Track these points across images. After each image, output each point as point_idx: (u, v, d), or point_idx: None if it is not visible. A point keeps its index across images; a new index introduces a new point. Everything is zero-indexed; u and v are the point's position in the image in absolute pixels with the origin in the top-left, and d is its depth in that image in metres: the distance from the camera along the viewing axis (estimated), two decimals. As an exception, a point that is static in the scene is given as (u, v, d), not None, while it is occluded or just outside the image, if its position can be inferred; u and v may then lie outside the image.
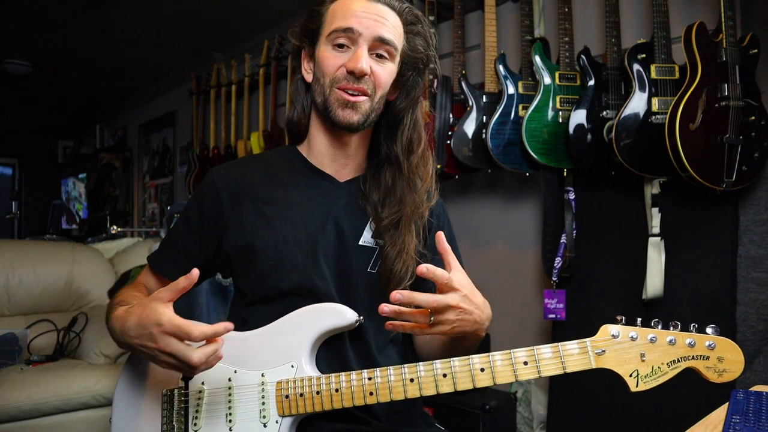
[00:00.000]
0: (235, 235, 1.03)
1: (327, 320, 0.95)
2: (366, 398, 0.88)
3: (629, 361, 0.82)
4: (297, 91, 1.09)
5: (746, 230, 1.77)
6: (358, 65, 0.95)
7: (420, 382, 0.87)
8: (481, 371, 0.86)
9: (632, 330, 0.84)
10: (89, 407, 2.09)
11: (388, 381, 0.88)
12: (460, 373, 0.86)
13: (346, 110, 0.98)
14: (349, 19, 0.96)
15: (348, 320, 0.94)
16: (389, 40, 0.98)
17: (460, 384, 0.86)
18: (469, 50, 2.47)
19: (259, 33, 3.73)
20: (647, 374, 0.81)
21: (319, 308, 0.96)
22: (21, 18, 3.62)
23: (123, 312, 0.91)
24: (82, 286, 2.65)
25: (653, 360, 0.82)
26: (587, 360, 0.83)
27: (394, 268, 1.00)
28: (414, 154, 1.05)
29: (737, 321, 1.76)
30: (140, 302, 0.88)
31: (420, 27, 1.04)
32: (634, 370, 0.82)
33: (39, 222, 6.90)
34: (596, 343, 0.84)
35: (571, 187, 2.04)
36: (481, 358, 0.87)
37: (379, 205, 1.04)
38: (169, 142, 5.01)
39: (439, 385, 0.87)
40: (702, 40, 1.65)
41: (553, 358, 0.85)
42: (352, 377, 0.89)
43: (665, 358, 0.82)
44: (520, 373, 0.85)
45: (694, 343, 0.81)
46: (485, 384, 0.86)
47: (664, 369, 0.81)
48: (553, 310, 2.06)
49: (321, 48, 1.00)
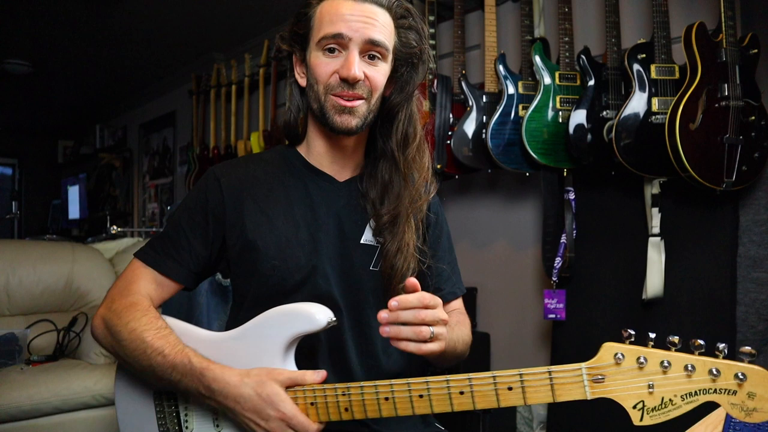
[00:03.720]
0: (236, 234, 1.02)
1: (296, 325, 0.90)
2: (341, 414, 0.85)
3: (633, 392, 0.69)
4: (291, 94, 1.08)
5: (746, 230, 1.77)
6: (351, 72, 0.94)
7: (395, 400, 0.82)
8: (461, 394, 0.78)
9: (641, 352, 0.69)
10: (89, 407, 2.09)
11: (361, 398, 0.84)
12: (436, 395, 0.79)
13: (344, 116, 0.97)
14: (338, 24, 0.94)
15: (318, 324, 0.88)
16: (380, 41, 0.96)
17: (437, 406, 0.79)
18: (469, 50, 2.47)
19: (259, 33, 3.73)
20: (655, 407, 0.68)
21: (289, 311, 0.92)
22: (21, 18, 3.62)
23: (221, 369, 0.89)
24: (82, 286, 2.65)
25: (664, 391, 0.68)
26: (581, 390, 0.72)
27: (395, 265, 1.00)
28: (409, 147, 1.04)
29: (737, 321, 1.76)
30: (253, 374, 0.87)
31: (411, 20, 1.02)
32: (639, 402, 0.69)
33: (39, 222, 6.91)
34: (593, 368, 0.71)
35: (571, 187, 2.04)
36: (458, 380, 0.78)
37: (377, 201, 1.04)
38: (169, 142, 5.01)
39: (415, 406, 0.80)
40: (702, 40, 1.65)
41: (540, 384, 0.74)
42: (326, 392, 0.86)
43: (679, 390, 0.67)
44: (503, 399, 0.75)
45: (719, 373, 0.65)
46: (464, 408, 0.78)
47: (677, 402, 0.67)
48: (553, 310, 2.06)
49: (312, 54, 0.99)
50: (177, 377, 0.91)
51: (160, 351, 0.91)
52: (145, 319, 0.96)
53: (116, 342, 0.97)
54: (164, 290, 1.04)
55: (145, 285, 1.02)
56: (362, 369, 1.03)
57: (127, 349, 0.95)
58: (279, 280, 1.00)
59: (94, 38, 3.98)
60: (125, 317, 0.96)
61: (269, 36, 3.58)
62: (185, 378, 0.90)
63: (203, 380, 0.89)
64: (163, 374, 0.92)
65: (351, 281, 1.03)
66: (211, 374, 0.88)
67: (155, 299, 1.04)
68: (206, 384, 0.88)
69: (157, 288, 1.03)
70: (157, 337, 0.93)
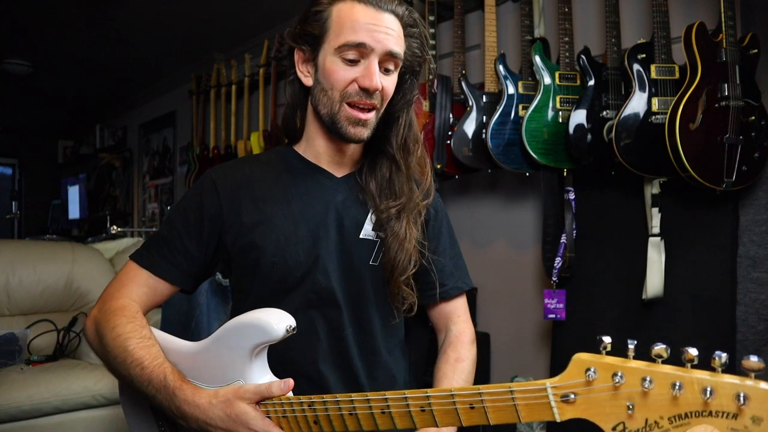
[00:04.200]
0: (235, 234, 1.02)
1: (253, 337, 0.87)
2: (311, 427, 0.84)
3: (611, 412, 0.58)
4: (293, 93, 1.07)
5: (746, 230, 1.77)
6: (373, 83, 0.94)
7: (358, 416, 0.79)
8: (421, 411, 0.72)
9: (618, 367, 0.57)
10: (89, 407, 2.09)
11: (327, 413, 0.81)
12: (397, 412, 0.75)
13: (357, 128, 0.98)
14: (360, 33, 0.94)
15: (275, 335, 0.85)
16: (398, 53, 0.97)
17: (399, 423, 0.75)
18: (469, 50, 2.47)
19: (259, 33, 3.73)
20: (638, 430, 0.57)
21: (245, 323, 0.89)
22: (21, 18, 3.62)
23: (192, 391, 0.87)
24: (82, 286, 2.65)
25: (647, 412, 0.56)
26: (548, 411, 0.62)
27: (397, 259, 1.01)
28: (412, 155, 1.06)
29: (737, 321, 1.76)
30: (221, 395, 0.86)
31: (416, 29, 1.02)
32: (619, 423, 0.58)
33: (39, 222, 6.90)
34: (560, 388, 0.61)
35: (571, 187, 2.04)
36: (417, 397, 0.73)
37: (377, 196, 1.04)
38: (169, 142, 5.01)
39: (378, 422, 0.77)
40: (702, 40, 1.65)
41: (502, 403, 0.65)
42: (293, 406, 0.84)
43: (665, 412, 0.55)
44: (466, 418, 0.69)
45: (713, 392, 0.52)
46: (427, 425, 0.73)
47: (664, 425, 0.55)
48: (553, 310, 2.06)
49: (328, 58, 0.97)
50: (152, 392, 0.89)
51: (140, 362, 0.90)
52: (131, 326, 0.95)
53: (101, 346, 0.97)
54: (157, 293, 1.04)
55: (137, 288, 1.02)
56: (363, 364, 1.04)
57: (110, 354, 0.94)
58: (279, 278, 1.00)
59: (94, 38, 3.98)
60: (113, 321, 0.96)
61: (269, 36, 3.58)
62: (159, 394, 0.89)
63: (174, 401, 0.87)
64: (140, 386, 0.91)
65: (351, 276, 1.03)
66: (183, 395, 0.87)
67: (148, 302, 1.03)
68: (177, 405, 0.87)
69: (149, 291, 1.03)
70: (139, 347, 0.92)
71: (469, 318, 1.18)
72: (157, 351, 0.93)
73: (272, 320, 0.86)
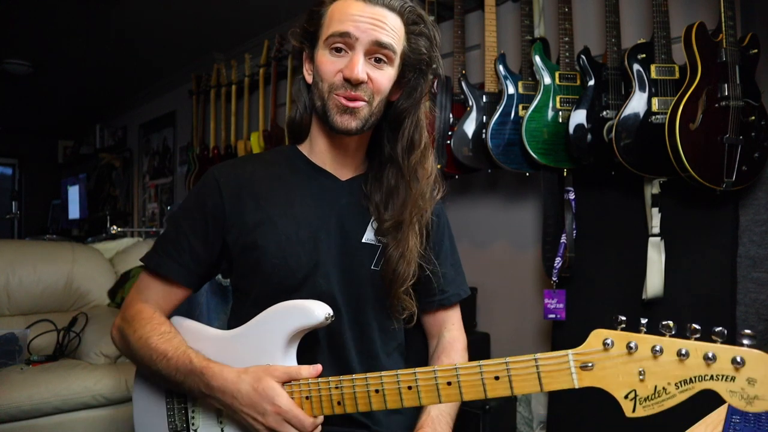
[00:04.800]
0: (237, 234, 1.02)
1: (295, 320, 0.92)
2: (334, 407, 0.87)
3: (624, 380, 0.66)
4: (299, 92, 1.08)
5: (746, 230, 1.77)
6: (354, 73, 0.93)
7: (384, 393, 0.82)
8: (448, 385, 0.77)
9: (631, 338, 0.66)
10: (89, 407, 2.09)
11: (353, 391, 0.85)
12: (424, 387, 0.79)
13: (345, 116, 0.97)
14: (346, 24, 0.94)
15: (316, 319, 0.90)
16: (387, 44, 0.96)
17: (425, 398, 0.79)
18: (469, 50, 2.47)
19: (259, 33, 3.73)
20: (648, 396, 0.65)
21: (288, 307, 0.94)
22: (21, 18, 3.62)
23: (220, 368, 0.91)
24: (82, 286, 2.65)
25: (656, 379, 0.64)
26: (568, 378, 0.69)
27: (398, 269, 1.00)
28: (414, 153, 1.04)
29: (737, 321, 1.76)
30: (251, 371, 0.90)
31: (423, 27, 1.01)
32: (631, 391, 0.65)
33: (39, 222, 6.90)
34: (581, 355, 0.68)
35: (571, 187, 2.04)
36: (445, 370, 0.77)
37: (381, 205, 1.04)
38: (169, 142, 5.01)
39: (404, 398, 0.80)
40: (702, 40, 1.65)
41: (526, 373, 0.71)
42: (319, 386, 0.88)
43: (672, 377, 0.64)
44: (490, 389, 0.74)
45: (714, 357, 0.61)
46: (451, 400, 0.78)
47: (671, 391, 0.64)
48: (553, 310, 2.06)
49: (319, 52, 0.99)
50: (180, 378, 0.94)
51: (164, 354, 0.95)
52: (150, 326, 1.00)
53: (128, 350, 1.03)
54: (172, 295, 1.06)
55: (153, 293, 1.06)
56: (362, 368, 1.03)
57: (137, 355, 1.00)
58: (280, 279, 1.00)
59: (94, 38, 3.98)
60: (134, 325, 1.01)
61: (269, 36, 3.58)
62: (188, 378, 0.93)
63: (203, 378, 0.91)
64: (168, 376, 0.95)
65: (351, 280, 1.03)
66: (210, 372, 0.91)
67: (165, 306, 1.06)
68: (206, 382, 0.91)
69: (165, 295, 1.06)
70: (161, 342, 0.97)
71: (462, 326, 1.17)
72: (179, 341, 0.98)
73: (314, 306, 0.91)
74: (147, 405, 1.06)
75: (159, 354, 0.95)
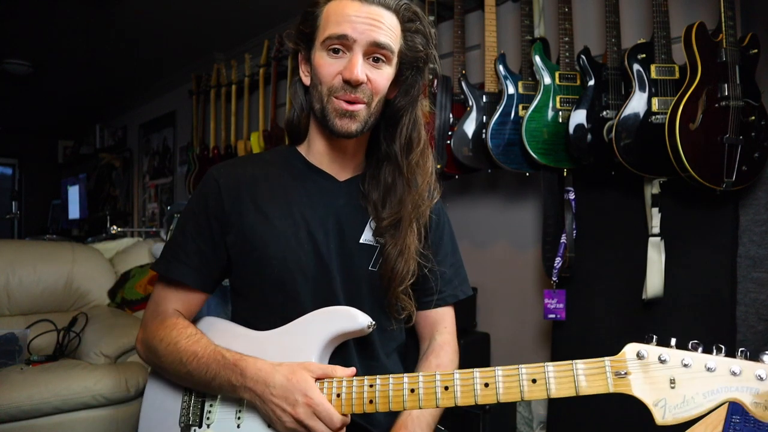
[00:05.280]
0: (236, 234, 1.02)
1: (339, 323, 0.95)
2: (365, 406, 0.87)
3: (656, 388, 0.71)
4: (296, 93, 1.08)
5: (746, 230, 1.77)
6: (354, 75, 0.93)
7: (420, 393, 0.84)
8: (485, 386, 0.80)
9: (663, 351, 0.72)
10: (89, 407, 2.08)
11: (388, 390, 0.86)
12: (463, 387, 0.81)
13: (344, 119, 0.97)
14: (343, 25, 0.94)
15: (360, 325, 0.94)
16: (385, 44, 0.95)
17: (463, 398, 0.81)
18: (469, 50, 2.47)
19: (259, 33, 3.73)
20: (677, 405, 0.70)
21: (334, 310, 0.96)
22: (21, 18, 3.62)
23: (254, 359, 0.93)
24: (82, 286, 2.64)
25: (686, 388, 0.70)
26: (604, 382, 0.74)
27: (396, 268, 1.00)
28: (413, 152, 1.04)
29: (737, 321, 1.76)
30: (285, 364, 0.91)
31: (418, 24, 1.00)
32: (662, 399, 0.70)
33: (39, 222, 6.90)
34: (617, 363, 0.74)
35: (571, 187, 2.04)
36: (485, 372, 0.81)
37: (379, 204, 1.04)
38: (169, 142, 5.01)
39: (440, 398, 0.82)
40: (702, 40, 1.65)
41: (565, 377, 0.76)
42: (354, 383, 0.89)
43: (701, 388, 0.69)
44: (527, 391, 0.77)
45: (740, 372, 0.68)
46: (488, 401, 0.79)
47: (699, 401, 0.69)
48: (553, 310, 2.06)
49: (316, 54, 0.98)
50: (211, 375, 0.94)
51: (194, 355, 0.96)
52: (175, 330, 1.00)
53: (156, 358, 1.02)
54: (188, 301, 1.07)
55: (170, 303, 1.06)
56: (361, 368, 1.03)
57: (166, 362, 1.00)
58: (278, 279, 1.00)
59: (94, 38, 3.98)
60: (159, 334, 1.01)
61: (269, 36, 3.58)
62: (219, 374, 0.93)
63: (237, 368, 0.92)
64: (199, 376, 0.95)
65: (350, 280, 1.03)
66: (244, 363, 0.92)
67: (186, 312, 1.07)
68: (240, 371, 0.91)
69: (181, 303, 1.06)
70: (190, 343, 0.98)
71: (455, 331, 1.16)
72: (206, 341, 0.98)
73: (359, 314, 0.95)
74: (159, 400, 1.06)
75: (189, 355, 0.96)
